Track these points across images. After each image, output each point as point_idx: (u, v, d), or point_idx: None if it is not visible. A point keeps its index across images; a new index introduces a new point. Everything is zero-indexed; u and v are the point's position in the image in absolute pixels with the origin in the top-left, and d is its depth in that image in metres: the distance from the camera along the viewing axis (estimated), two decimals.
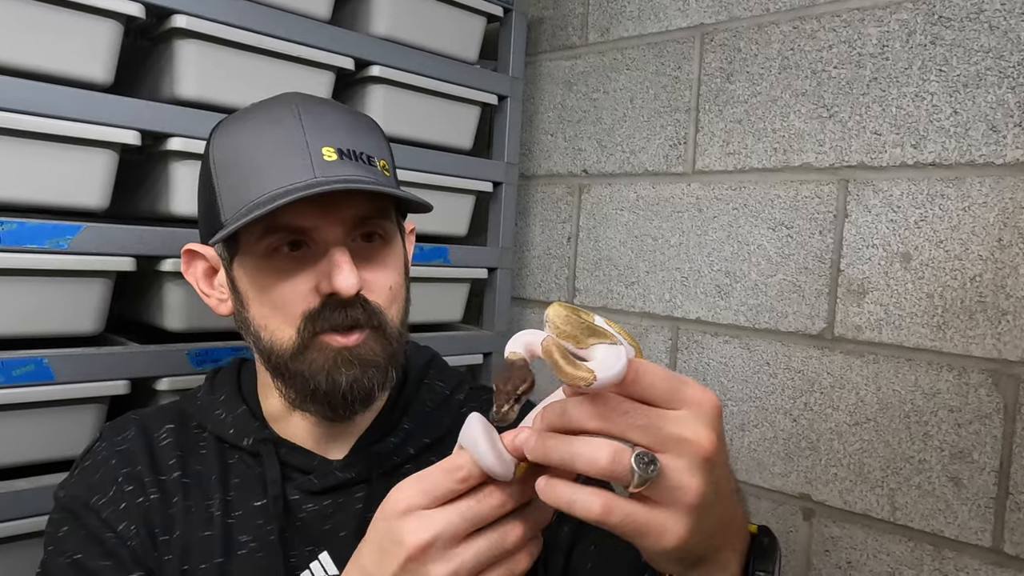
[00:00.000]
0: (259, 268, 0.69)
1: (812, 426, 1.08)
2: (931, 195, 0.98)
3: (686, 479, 0.43)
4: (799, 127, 1.10)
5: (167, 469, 0.72)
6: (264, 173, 0.67)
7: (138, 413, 0.77)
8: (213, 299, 0.76)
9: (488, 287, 1.37)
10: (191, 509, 0.70)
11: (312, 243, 0.68)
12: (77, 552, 0.67)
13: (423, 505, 0.49)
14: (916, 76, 0.99)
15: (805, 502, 1.09)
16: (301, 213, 0.66)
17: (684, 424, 0.44)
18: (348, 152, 0.68)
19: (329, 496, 0.72)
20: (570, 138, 1.41)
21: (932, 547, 0.97)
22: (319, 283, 0.67)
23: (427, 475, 0.49)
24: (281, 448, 0.73)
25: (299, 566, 0.69)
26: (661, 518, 0.43)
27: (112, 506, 0.69)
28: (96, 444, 0.75)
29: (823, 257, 1.07)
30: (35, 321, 0.87)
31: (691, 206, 1.22)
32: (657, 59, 1.27)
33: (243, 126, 0.71)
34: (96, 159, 0.89)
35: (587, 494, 0.43)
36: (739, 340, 1.16)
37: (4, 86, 0.81)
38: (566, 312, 0.46)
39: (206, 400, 0.77)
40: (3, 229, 0.82)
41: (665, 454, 0.43)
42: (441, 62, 1.22)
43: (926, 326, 0.98)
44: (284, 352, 0.69)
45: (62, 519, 0.70)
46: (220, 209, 0.69)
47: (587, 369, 0.42)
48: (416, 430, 0.77)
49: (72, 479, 0.73)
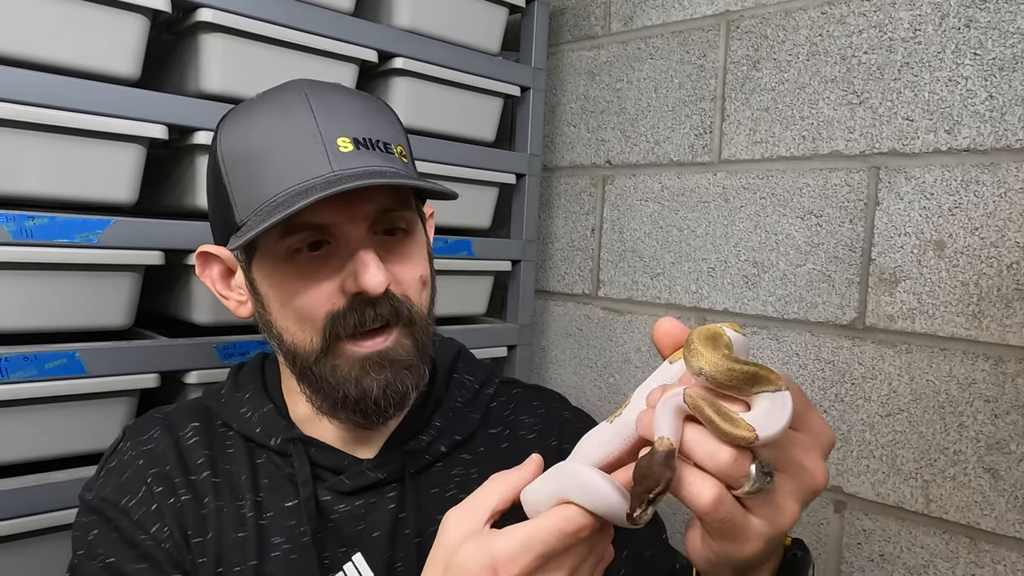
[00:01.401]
0: (280, 270, 0.66)
1: (843, 417, 1.07)
2: (965, 181, 0.96)
3: (789, 503, 0.44)
4: (828, 114, 1.08)
5: (196, 469, 0.70)
6: (278, 169, 0.63)
7: (160, 412, 0.75)
8: (232, 301, 0.73)
9: (512, 279, 1.37)
10: (223, 510, 0.68)
11: (334, 240, 0.65)
12: (110, 556, 0.65)
13: (532, 564, 0.46)
14: (950, 60, 0.97)
15: (836, 494, 1.07)
16: (321, 210, 0.63)
17: (806, 451, 0.44)
18: (364, 141, 0.65)
19: (361, 496, 0.70)
20: (593, 129, 1.39)
21: (968, 539, 0.95)
22: (344, 283, 0.65)
23: (536, 538, 0.45)
24: (310, 447, 0.71)
25: (333, 568, 0.68)
26: (752, 527, 0.43)
27: (143, 507, 0.67)
28: (120, 444, 0.73)
29: (854, 246, 1.06)
30: (66, 315, 0.88)
31: (717, 196, 1.21)
32: (682, 47, 1.26)
33: (251, 118, 0.67)
34: (124, 154, 0.90)
35: (700, 479, 0.41)
36: (767, 331, 1.15)
37: (33, 81, 0.82)
38: (727, 365, 0.41)
39: (230, 397, 0.75)
40: (34, 224, 0.82)
41: (781, 473, 0.43)
42: (463, 54, 1.21)
43: (961, 315, 0.96)
44: (308, 356, 0.66)
45: (92, 522, 0.68)
46: (233, 208, 0.66)
47: (747, 427, 0.40)
48: (447, 427, 0.75)
49: (98, 480, 0.71)
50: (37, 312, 0.85)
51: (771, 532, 0.43)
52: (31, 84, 0.81)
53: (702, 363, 0.42)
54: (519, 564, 0.46)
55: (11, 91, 0.80)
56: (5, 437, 0.84)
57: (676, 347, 0.48)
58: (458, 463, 0.75)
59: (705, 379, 0.42)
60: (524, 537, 0.46)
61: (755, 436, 0.39)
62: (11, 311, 0.84)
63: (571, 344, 1.44)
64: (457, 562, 0.48)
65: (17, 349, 0.83)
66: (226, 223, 0.67)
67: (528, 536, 0.45)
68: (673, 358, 0.48)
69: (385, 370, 0.66)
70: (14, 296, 0.83)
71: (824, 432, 0.46)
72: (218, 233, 0.71)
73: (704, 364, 0.42)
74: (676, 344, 0.48)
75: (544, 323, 1.48)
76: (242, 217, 0.66)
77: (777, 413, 0.40)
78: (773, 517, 0.43)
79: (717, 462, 0.41)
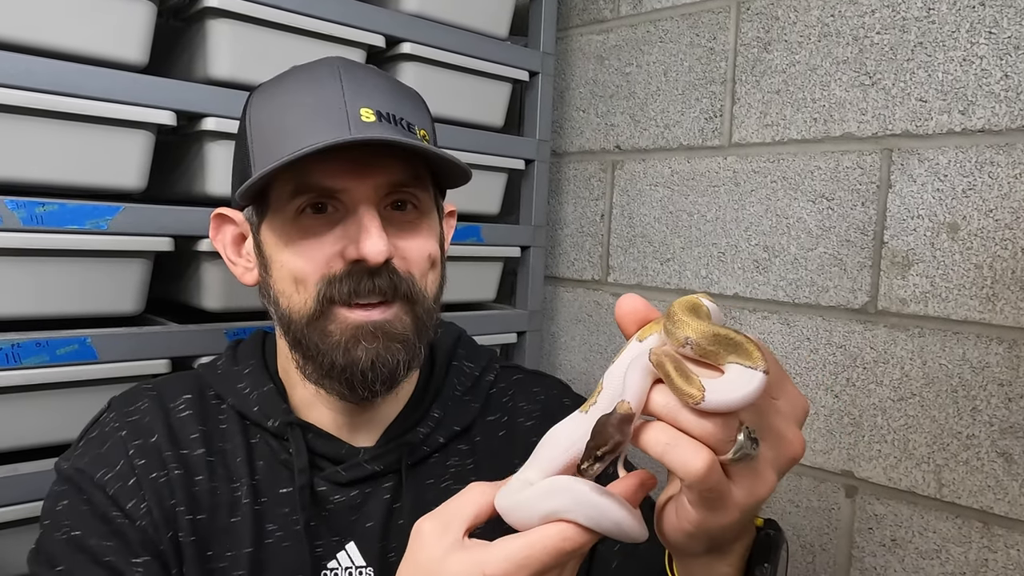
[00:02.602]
0: (285, 230, 0.65)
1: (855, 402, 1.06)
2: (980, 163, 0.95)
3: (768, 472, 0.43)
4: (840, 96, 1.07)
5: (189, 443, 0.68)
6: (298, 132, 0.63)
7: (151, 382, 0.73)
8: (239, 267, 0.73)
9: (521, 265, 1.36)
10: (217, 491, 0.66)
11: (341, 206, 0.64)
12: (76, 529, 0.62)
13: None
14: (964, 39, 0.96)
15: (848, 479, 1.07)
16: (331, 173, 0.63)
17: (785, 421, 0.44)
18: (387, 115, 0.64)
19: (356, 487, 0.69)
20: (602, 113, 1.39)
21: (981, 524, 0.95)
22: (345, 248, 0.63)
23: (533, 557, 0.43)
24: (308, 433, 0.69)
25: (325, 556, 0.67)
26: (732, 495, 0.43)
27: (120, 481, 0.64)
28: (103, 415, 0.70)
29: (865, 229, 1.05)
30: (77, 301, 0.88)
31: (728, 180, 1.20)
32: (691, 30, 1.25)
33: (281, 87, 0.68)
34: (133, 140, 0.90)
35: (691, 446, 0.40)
36: (778, 315, 1.14)
37: (42, 68, 0.82)
38: (712, 330, 0.41)
39: (227, 370, 0.73)
40: (44, 210, 0.83)
41: (762, 442, 0.42)
42: (472, 38, 1.20)
43: (975, 298, 0.95)
44: (300, 320, 0.65)
45: (63, 492, 0.65)
46: (252, 168, 0.66)
47: (699, 387, 0.39)
48: (446, 418, 0.74)
49: (76, 450, 0.68)
50: (48, 298, 0.86)
51: (749, 501, 0.43)
52: (40, 71, 0.82)
53: (688, 332, 0.41)
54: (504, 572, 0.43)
55: (20, 78, 0.80)
56: (18, 422, 0.85)
57: (640, 324, 0.46)
58: (455, 453, 0.74)
59: (691, 348, 0.41)
60: (520, 556, 0.43)
61: (700, 397, 0.39)
62: (23, 297, 0.84)
63: (581, 330, 1.43)
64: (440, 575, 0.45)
65: (29, 335, 0.83)
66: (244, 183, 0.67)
67: (525, 556, 0.43)
68: (641, 335, 0.46)
69: (377, 341, 0.63)
70: (26, 282, 0.84)
71: (800, 402, 0.45)
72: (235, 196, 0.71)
73: (691, 332, 0.41)
74: (641, 321, 0.46)
75: (553, 309, 1.48)
76: None
77: (737, 386, 0.39)
78: (752, 486, 0.43)
79: (706, 426, 0.39)
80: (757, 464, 0.42)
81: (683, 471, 0.40)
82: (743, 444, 0.40)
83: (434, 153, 0.64)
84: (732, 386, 0.39)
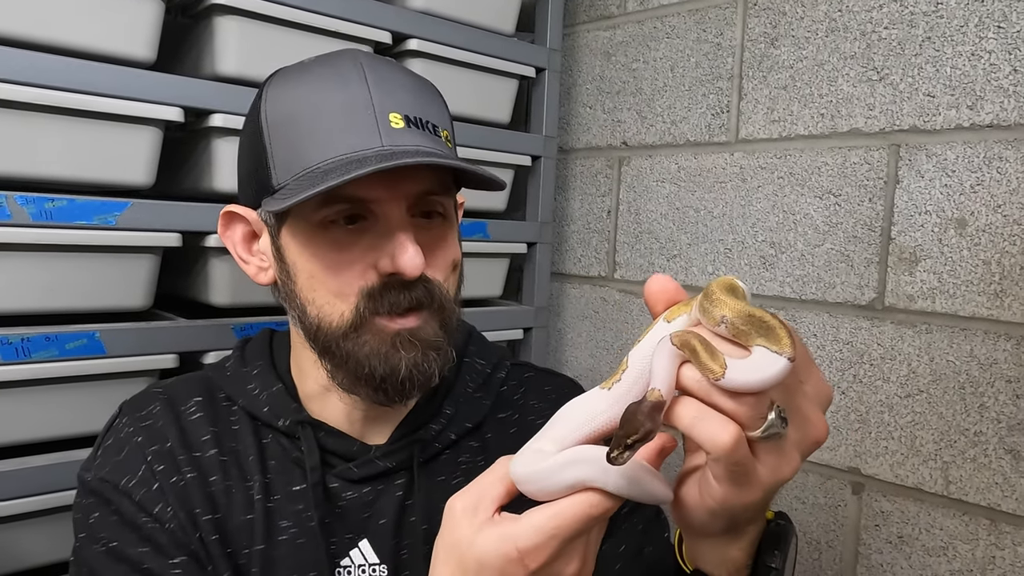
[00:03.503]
0: (313, 239, 0.64)
1: (861, 399, 1.06)
2: (988, 158, 0.94)
3: (793, 453, 0.44)
4: (847, 91, 1.07)
5: (201, 446, 0.68)
6: (327, 135, 0.62)
7: (160, 385, 0.73)
8: (252, 266, 0.71)
9: (528, 262, 1.36)
10: (231, 490, 0.67)
11: (372, 216, 0.63)
12: (113, 540, 0.63)
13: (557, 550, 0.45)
14: (972, 34, 0.95)
15: (854, 476, 1.06)
16: (365, 185, 0.61)
17: (810, 404, 0.44)
18: (415, 120, 0.64)
19: (369, 484, 0.69)
20: (609, 110, 1.38)
21: (988, 521, 0.94)
22: (379, 261, 0.63)
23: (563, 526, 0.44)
24: (319, 431, 0.69)
25: (339, 554, 0.67)
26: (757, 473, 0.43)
27: (144, 487, 0.65)
28: (117, 421, 0.70)
29: (873, 225, 1.04)
30: (86, 296, 0.89)
31: (734, 176, 1.20)
32: (698, 26, 1.24)
33: (303, 80, 0.65)
34: (140, 136, 0.90)
35: (719, 420, 0.40)
36: (785, 312, 1.14)
37: (50, 65, 0.82)
38: (748, 311, 0.41)
39: (236, 371, 0.73)
40: (53, 206, 0.83)
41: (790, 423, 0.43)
42: (478, 35, 1.20)
43: (983, 294, 0.95)
44: (335, 330, 0.64)
45: (92, 504, 0.66)
46: (271, 170, 0.64)
47: (721, 364, 0.40)
48: (458, 415, 0.74)
49: (95, 460, 0.68)
50: (57, 293, 0.87)
51: (773, 480, 0.43)
52: (49, 67, 0.82)
53: (725, 310, 0.41)
54: (545, 552, 0.45)
55: (29, 74, 0.81)
56: (27, 416, 0.85)
57: (669, 305, 0.46)
58: (465, 450, 0.74)
59: (726, 327, 0.41)
60: (549, 527, 0.44)
61: (721, 374, 0.39)
62: (32, 292, 0.85)
63: (587, 327, 1.43)
64: (474, 555, 0.46)
65: (39, 330, 0.84)
66: (260, 184, 0.65)
67: (555, 526, 0.44)
68: (669, 316, 0.46)
69: (415, 349, 0.64)
70: (35, 277, 0.85)
71: (824, 389, 0.46)
72: (247, 193, 0.69)
73: (727, 311, 0.41)
74: (670, 301, 0.46)
75: (560, 306, 1.48)
76: (281, 180, 0.63)
77: (759, 368, 0.39)
78: (778, 465, 0.43)
79: (735, 407, 0.40)
80: (783, 444, 0.43)
81: (710, 444, 0.40)
82: (773, 422, 0.41)
83: (469, 170, 0.63)
84: (754, 367, 0.40)
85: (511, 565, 0.45)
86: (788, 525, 0.53)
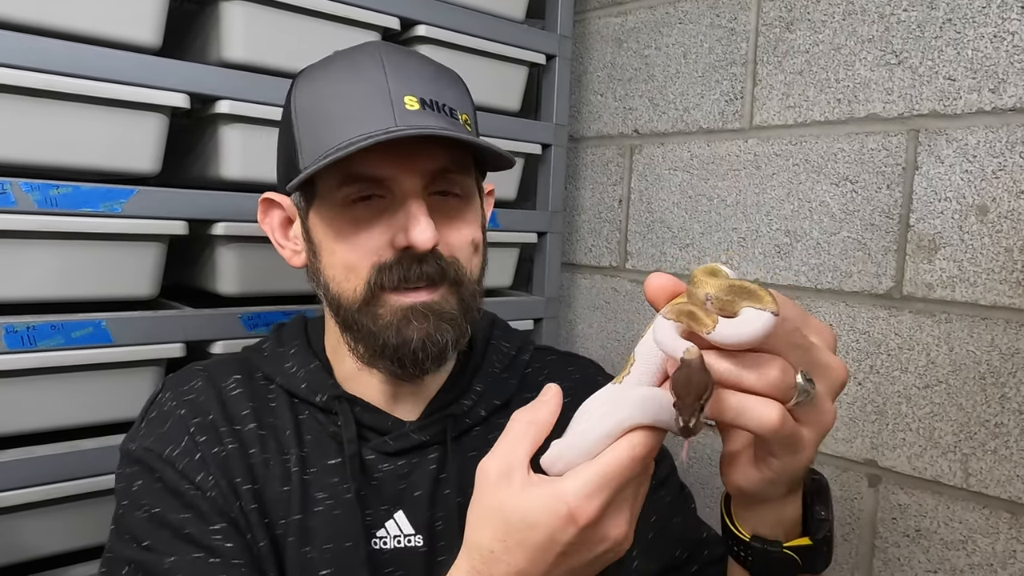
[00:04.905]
0: (334, 218, 0.67)
1: (878, 389, 1.04)
2: (1011, 142, 0.92)
3: (827, 403, 0.47)
4: (865, 76, 1.04)
5: (241, 420, 0.70)
6: (345, 121, 0.65)
7: (201, 364, 0.76)
8: (287, 250, 0.75)
9: (538, 252, 1.35)
10: (269, 463, 0.69)
11: (388, 194, 0.66)
12: (155, 506, 0.66)
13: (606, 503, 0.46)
14: (995, 15, 0.93)
15: (871, 468, 1.04)
16: (378, 162, 0.65)
17: (823, 352, 0.47)
18: (431, 103, 0.67)
19: (403, 457, 0.72)
20: (620, 97, 1.36)
21: (1009, 514, 0.92)
22: (394, 236, 0.66)
23: (611, 474, 0.45)
24: (355, 406, 0.72)
25: (375, 525, 0.70)
26: (804, 436, 0.46)
27: (187, 457, 0.68)
28: (160, 395, 0.73)
29: (891, 212, 1.02)
30: (92, 284, 0.88)
31: (748, 163, 1.18)
32: (712, 11, 1.22)
33: (325, 73, 0.69)
34: (146, 122, 0.89)
35: (761, 403, 0.43)
36: (800, 301, 1.12)
37: (56, 50, 0.81)
38: (727, 283, 0.44)
39: (273, 352, 0.76)
40: (58, 193, 0.83)
41: (816, 378, 0.45)
42: (488, 21, 1.19)
43: (1004, 282, 0.93)
44: (351, 304, 0.68)
45: (135, 473, 0.68)
46: (299, 157, 0.68)
47: (712, 320, 0.43)
48: (487, 392, 0.77)
49: (140, 431, 0.71)
50: (63, 281, 0.86)
51: (818, 435, 0.47)
52: (54, 52, 0.81)
53: (707, 288, 0.45)
54: (595, 504, 0.45)
55: (34, 59, 0.80)
56: (34, 405, 0.85)
57: (671, 298, 0.48)
58: (495, 428, 0.76)
59: (711, 303, 0.44)
60: (596, 478, 0.45)
61: (712, 327, 0.42)
62: (38, 280, 0.84)
63: (598, 317, 1.42)
64: (521, 516, 0.46)
65: (45, 318, 0.83)
66: (291, 171, 0.69)
67: (603, 475, 0.45)
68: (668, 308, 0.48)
69: (427, 321, 0.66)
70: (40, 265, 0.84)
71: (827, 331, 0.49)
72: (281, 180, 0.73)
73: (709, 288, 0.44)
74: (671, 296, 0.48)
75: (571, 296, 1.46)
76: (305, 164, 0.67)
77: (747, 323, 0.42)
78: (818, 420, 0.46)
79: (769, 379, 0.43)
80: (818, 399, 0.46)
81: (760, 427, 0.43)
82: (802, 387, 0.44)
83: (475, 143, 0.66)
84: (743, 322, 0.43)
85: (561, 522, 0.45)
86: (823, 477, 0.57)
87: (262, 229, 0.76)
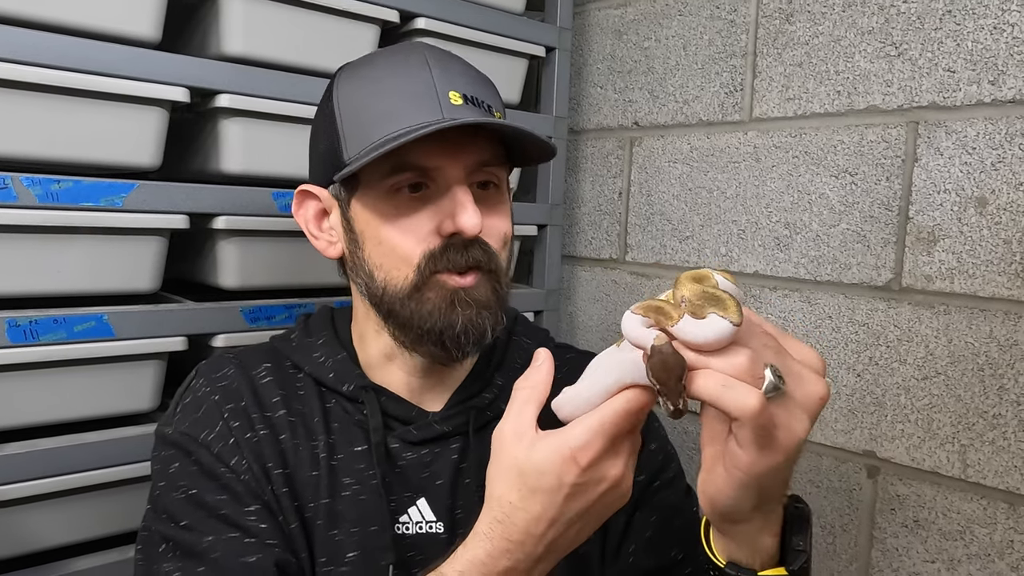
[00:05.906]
0: (380, 207, 0.70)
1: (877, 381, 1.04)
2: (1010, 134, 0.92)
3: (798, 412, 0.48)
4: (865, 67, 1.04)
5: (272, 406, 0.73)
6: (392, 111, 0.68)
7: (231, 351, 0.79)
8: (322, 241, 0.76)
9: (538, 245, 1.35)
10: (299, 448, 0.72)
11: (434, 184, 0.69)
12: (192, 487, 0.68)
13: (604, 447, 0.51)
14: (995, 6, 0.93)
15: (869, 459, 1.05)
16: (427, 153, 0.67)
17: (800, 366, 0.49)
18: (472, 99, 0.70)
19: (427, 446, 0.74)
20: (620, 89, 1.36)
21: (1007, 505, 0.93)
22: (441, 223, 0.68)
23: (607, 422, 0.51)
24: (381, 396, 0.74)
25: (399, 510, 0.72)
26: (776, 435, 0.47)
27: (221, 441, 0.70)
28: (193, 381, 0.75)
29: (890, 204, 1.02)
30: (94, 278, 0.88)
31: (748, 155, 1.18)
32: (711, 2, 1.22)
33: (372, 70, 0.72)
34: (147, 117, 0.89)
35: (742, 387, 0.45)
36: (799, 293, 1.12)
37: (55, 44, 0.81)
38: (701, 289, 0.48)
39: (302, 342, 0.78)
40: (59, 187, 0.83)
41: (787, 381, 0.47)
42: (487, 13, 1.19)
43: (1003, 274, 0.93)
44: (398, 292, 0.70)
45: (171, 456, 0.71)
46: (343, 148, 0.70)
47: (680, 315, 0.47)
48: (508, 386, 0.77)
49: (175, 416, 0.73)
50: (65, 275, 0.86)
51: (790, 441, 0.48)
52: (53, 47, 0.81)
53: (684, 291, 0.48)
54: (594, 448, 0.51)
55: (33, 54, 0.80)
56: (36, 399, 0.85)
57: None
58: None
59: (685, 305, 0.48)
60: (596, 426, 0.51)
61: (676, 321, 0.46)
62: (40, 274, 0.85)
63: (598, 310, 1.42)
64: (532, 466, 0.52)
65: (47, 312, 0.84)
66: (333, 163, 0.71)
67: (601, 422, 0.50)
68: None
69: (470, 307, 0.69)
70: (42, 259, 0.84)
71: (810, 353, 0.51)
72: (318, 172, 0.75)
73: (686, 292, 0.48)
74: None
75: (571, 288, 1.47)
76: (351, 155, 0.69)
77: (708, 326, 0.46)
78: (789, 423, 0.48)
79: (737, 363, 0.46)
80: (789, 404, 0.48)
81: (739, 409, 0.45)
82: (771, 380, 0.46)
83: (527, 133, 0.69)
84: (704, 326, 0.46)
85: (566, 464, 0.51)
86: (805, 507, 0.57)
87: (295, 221, 0.77)
